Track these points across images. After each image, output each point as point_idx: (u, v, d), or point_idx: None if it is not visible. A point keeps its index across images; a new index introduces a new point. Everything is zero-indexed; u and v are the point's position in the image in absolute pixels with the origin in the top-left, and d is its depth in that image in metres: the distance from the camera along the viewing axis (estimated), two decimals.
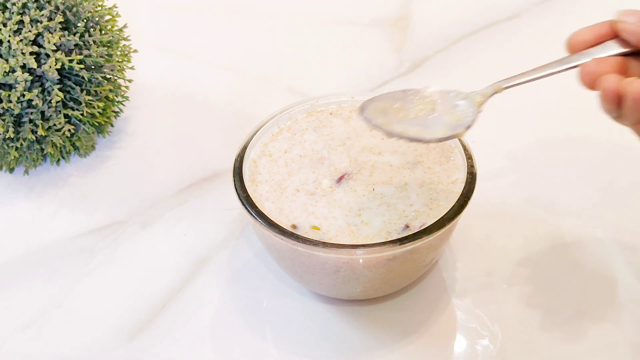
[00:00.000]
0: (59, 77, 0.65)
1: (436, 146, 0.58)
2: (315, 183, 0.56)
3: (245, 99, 0.78)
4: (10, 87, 0.63)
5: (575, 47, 0.48)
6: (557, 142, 0.71)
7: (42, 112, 0.65)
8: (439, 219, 0.51)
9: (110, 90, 0.70)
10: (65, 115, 0.67)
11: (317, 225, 0.53)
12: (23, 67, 0.63)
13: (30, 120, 0.65)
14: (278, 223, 0.52)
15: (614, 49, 0.47)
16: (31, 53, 0.63)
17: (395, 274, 0.53)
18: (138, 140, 0.74)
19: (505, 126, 0.73)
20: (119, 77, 0.71)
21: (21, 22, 0.63)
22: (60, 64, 0.63)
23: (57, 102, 0.65)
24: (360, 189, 0.55)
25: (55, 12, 0.64)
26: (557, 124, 0.73)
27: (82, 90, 0.67)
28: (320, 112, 0.62)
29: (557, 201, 0.65)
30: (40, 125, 0.65)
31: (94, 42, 0.67)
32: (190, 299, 0.59)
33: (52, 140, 0.67)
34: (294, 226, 0.53)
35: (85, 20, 0.67)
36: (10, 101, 0.63)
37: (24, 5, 0.63)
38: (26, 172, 0.70)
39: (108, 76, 0.69)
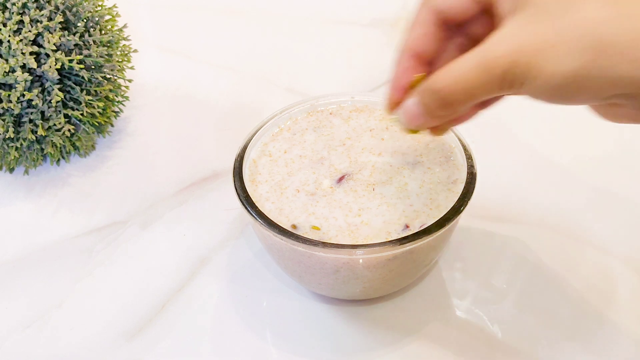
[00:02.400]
0: (59, 77, 0.65)
1: (436, 146, 0.58)
2: (315, 183, 0.56)
3: (245, 99, 0.78)
4: (10, 87, 0.63)
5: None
6: (557, 142, 0.71)
7: (42, 112, 0.65)
8: (439, 219, 0.51)
9: (110, 90, 0.70)
10: (65, 115, 0.67)
11: (317, 225, 0.53)
12: (23, 67, 0.63)
13: (30, 120, 0.65)
14: (278, 223, 0.52)
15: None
16: (31, 53, 0.63)
17: (395, 274, 0.53)
18: (138, 140, 0.74)
19: (505, 126, 0.73)
20: (119, 77, 0.71)
21: (21, 22, 0.63)
22: (60, 64, 0.63)
23: (57, 102, 0.65)
24: (360, 189, 0.55)
25: (55, 12, 0.64)
26: (557, 124, 0.73)
27: (82, 90, 0.67)
28: (320, 112, 0.62)
29: (557, 201, 0.65)
30: (40, 125, 0.65)
31: (94, 42, 0.67)
32: (190, 299, 0.59)
33: (52, 140, 0.67)
34: (294, 226, 0.53)
35: (85, 20, 0.67)
36: (10, 101, 0.63)
37: (24, 5, 0.63)
38: (26, 172, 0.70)
39: (108, 76, 0.69)
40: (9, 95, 0.63)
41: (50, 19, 0.64)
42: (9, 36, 0.62)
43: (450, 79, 0.40)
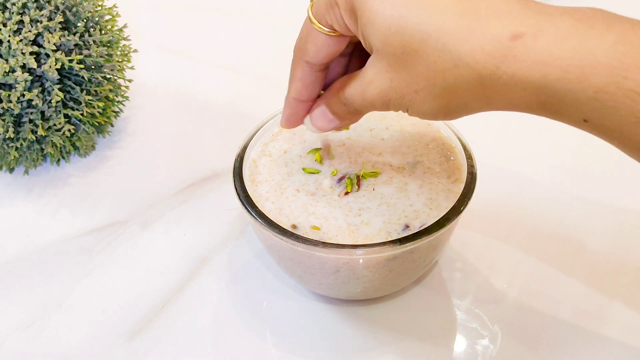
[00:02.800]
0: (59, 77, 0.65)
1: (436, 146, 0.58)
2: (315, 183, 0.56)
3: (245, 99, 0.78)
4: (10, 87, 0.63)
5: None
6: (557, 142, 0.71)
7: (42, 112, 0.65)
8: (439, 219, 0.51)
9: (110, 90, 0.70)
10: (65, 115, 0.67)
11: (317, 225, 0.53)
12: (23, 67, 0.63)
13: (30, 120, 0.65)
14: (278, 223, 0.52)
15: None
16: (31, 53, 0.63)
17: (395, 274, 0.53)
18: (138, 140, 0.74)
19: (505, 126, 0.73)
20: (119, 77, 0.71)
21: (21, 22, 0.63)
22: (60, 64, 0.63)
23: (57, 102, 0.65)
24: (360, 189, 0.55)
25: (55, 12, 0.64)
26: (557, 124, 0.73)
27: (82, 90, 0.67)
28: None
29: (557, 201, 0.65)
30: (40, 125, 0.65)
31: (94, 42, 0.67)
32: (190, 299, 0.59)
33: (52, 140, 0.67)
34: (294, 226, 0.53)
35: (85, 20, 0.67)
36: (10, 101, 0.63)
37: (24, 5, 0.63)
38: (26, 172, 0.70)
39: (108, 76, 0.69)
40: (9, 95, 0.63)
41: (50, 19, 0.64)
42: (9, 36, 0.62)
43: (351, 99, 0.48)
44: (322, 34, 0.48)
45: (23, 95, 0.63)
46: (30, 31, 0.62)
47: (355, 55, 0.52)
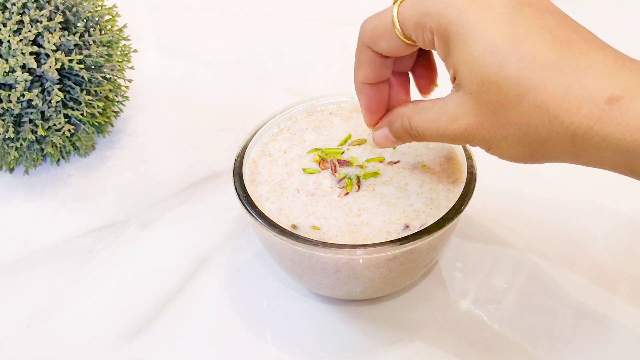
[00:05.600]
0: (59, 77, 0.65)
1: (436, 146, 0.58)
2: (315, 183, 0.56)
3: (245, 99, 0.78)
4: (10, 87, 0.63)
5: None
6: None
7: (42, 112, 0.65)
8: (439, 219, 0.52)
9: (110, 90, 0.70)
10: (65, 115, 0.67)
11: (317, 225, 0.53)
12: (23, 67, 0.63)
13: (30, 120, 0.65)
14: (278, 223, 0.52)
15: None
16: (31, 53, 0.63)
17: (395, 274, 0.53)
18: (138, 140, 0.74)
19: None
20: (119, 77, 0.71)
21: (21, 22, 0.63)
22: (60, 64, 0.63)
23: (57, 102, 0.65)
24: (361, 189, 0.55)
25: (55, 12, 0.64)
26: None
27: (82, 90, 0.67)
28: (320, 112, 0.62)
29: (557, 201, 0.65)
30: (40, 125, 0.65)
31: (94, 42, 0.67)
32: (190, 299, 0.59)
33: (52, 140, 0.67)
34: (294, 226, 0.53)
35: (85, 20, 0.67)
36: (10, 101, 0.63)
37: (24, 5, 0.63)
38: (26, 172, 0.70)
39: (108, 76, 0.69)
40: (9, 95, 0.63)
41: (50, 19, 0.64)
42: (9, 36, 0.62)
43: (421, 131, 0.48)
44: (399, 39, 0.47)
45: (23, 95, 0.63)
46: (30, 31, 0.62)
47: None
